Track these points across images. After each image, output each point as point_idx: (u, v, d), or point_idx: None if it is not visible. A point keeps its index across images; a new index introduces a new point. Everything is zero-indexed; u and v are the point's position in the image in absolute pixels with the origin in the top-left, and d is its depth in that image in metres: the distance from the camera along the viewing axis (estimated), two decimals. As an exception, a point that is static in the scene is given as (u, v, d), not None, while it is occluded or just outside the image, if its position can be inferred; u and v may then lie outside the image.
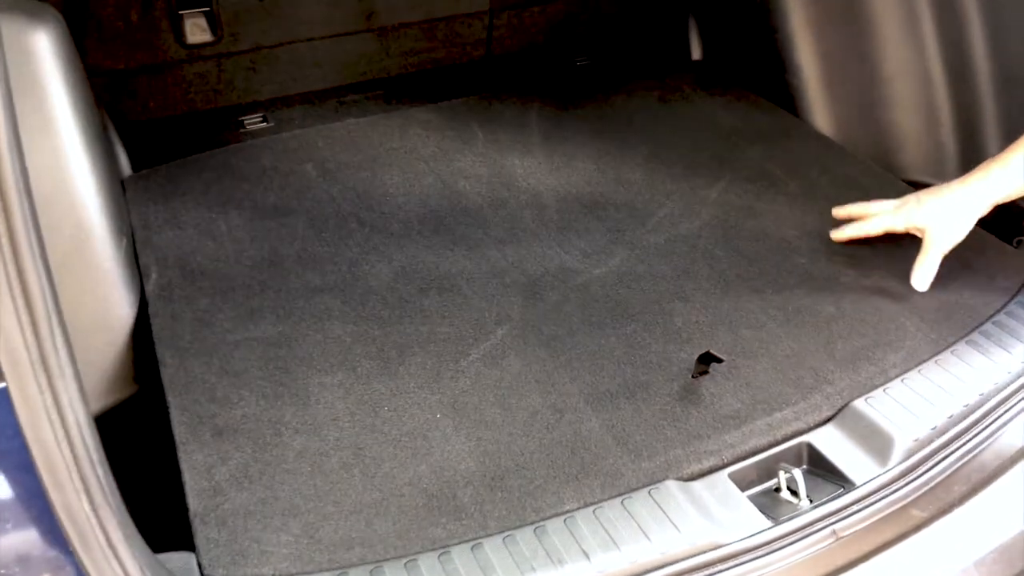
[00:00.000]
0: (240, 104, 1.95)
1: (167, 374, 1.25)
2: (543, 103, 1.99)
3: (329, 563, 0.99)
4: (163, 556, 0.98)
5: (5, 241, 0.63)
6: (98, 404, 1.35)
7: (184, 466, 1.11)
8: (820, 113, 1.94)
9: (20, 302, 0.64)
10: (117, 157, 1.72)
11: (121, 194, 1.58)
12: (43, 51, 1.33)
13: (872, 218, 1.46)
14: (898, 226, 1.43)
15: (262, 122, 1.92)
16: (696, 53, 2.23)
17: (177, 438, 1.15)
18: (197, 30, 1.81)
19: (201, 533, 1.02)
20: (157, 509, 1.10)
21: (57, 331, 0.68)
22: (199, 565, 0.99)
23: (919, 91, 1.85)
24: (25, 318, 0.65)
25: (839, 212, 1.51)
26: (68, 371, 0.69)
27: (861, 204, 1.49)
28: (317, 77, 2.00)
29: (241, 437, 1.15)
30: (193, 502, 1.06)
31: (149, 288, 1.42)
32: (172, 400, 1.21)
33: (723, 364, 1.26)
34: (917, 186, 1.73)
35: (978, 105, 1.78)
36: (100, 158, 1.41)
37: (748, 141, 1.85)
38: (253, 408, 1.20)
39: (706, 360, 1.23)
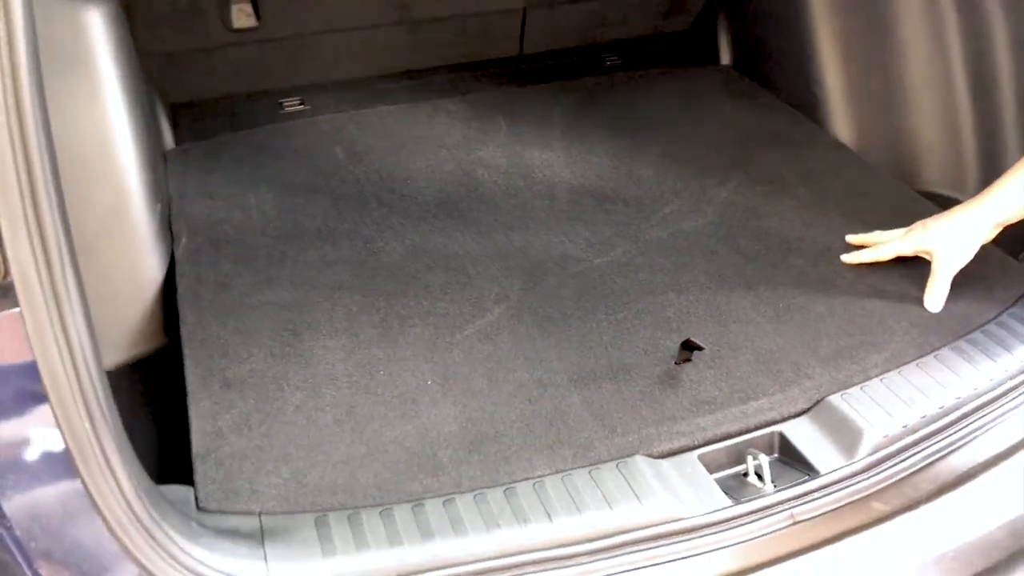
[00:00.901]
0: (280, 88, 2.06)
1: (186, 330, 1.36)
2: (568, 100, 2.05)
3: (311, 506, 1.07)
4: (165, 487, 1.07)
5: (25, 185, 0.72)
6: (130, 353, 1.47)
7: (192, 412, 1.21)
8: (841, 121, 1.96)
9: (36, 240, 0.74)
10: (161, 132, 1.84)
11: (160, 165, 1.69)
12: (95, 28, 1.45)
13: (882, 245, 1.49)
14: (907, 250, 1.46)
15: (300, 105, 2.03)
16: (725, 57, 2.27)
17: (188, 387, 1.25)
18: (242, 15, 1.92)
19: (200, 471, 1.12)
20: (175, 448, 1.20)
21: (68, 267, 0.77)
22: (196, 498, 1.08)
23: (942, 103, 1.86)
24: (40, 253, 0.74)
25: (853, 239, 1.55)
26: (76, 303, 0.78)
27: (874, 233, 1.53)
28: (353, 66, 2.10)
29: (246, 389, 1.25)
30: (197, 443, 1.16)
31: (178, 252, 1.53)
32: (187, 353, 1.31)
33: (706, 354, 1.31)
34: (935, 198, 1.75)
35: (1001, 119, 1.78)
36: (143, 131, 1.53)
37: (764, 145, 1.88)
38: (260, 364, 1.29)
39: (689, 348, 1.28)
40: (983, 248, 1.54)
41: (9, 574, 0.85)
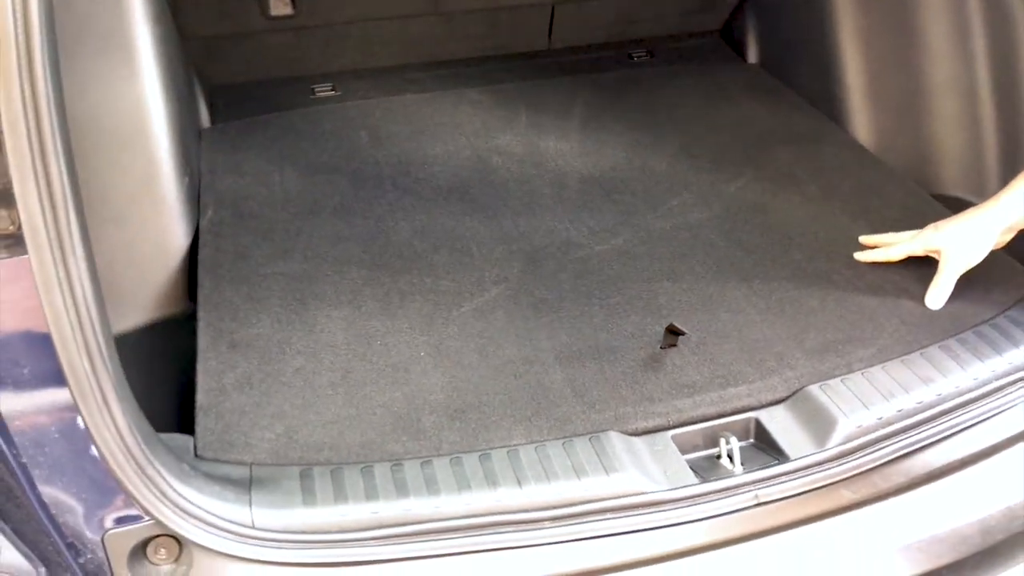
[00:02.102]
0: (314, 74, 2.15)
1: (203, 295, 1.45)
2: (591, 92, 2.10)
3: (299, 460, 1.15)
4: (168, 435, 1.16)
5: (35, 142, 0.81)
6: (155, 314, 1.57)
7: (200, 369, 1.30)
8: (861, 121, 1.96)
9: (44, 192, 0.82)
10: (198, 110, 1.95)
11: (193, 141, 1.79)
12: (135, 11, 1.55)
13: (894, 245, 1.50)
14: (917, 250, 1.47)
15: (331, 91, 2.12)
16: (753, 56, 2.28)
17: (199, 346, 1.34)
18: (279, 3, 2.02)
19: (201, 423, 1.20)
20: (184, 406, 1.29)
21: (73, 218, 0.85)
22: (195, 447, 1.17)
23: (964, 106, 1.84)
24: (48, 205, 0.83)
25: (866, 240, 1.56)
26: (80, 252, 0.87)
27: (887, 235, 1.54)
28: (385, 54, 2.18)
29: (251, 351, 1.33)
30: (201, 398, 1.25)
31: (203, 223, 1.63)
32: (201, 315, 1.40)
33: (692, 340, 1.34)
34: (954, 202, 1.74)
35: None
36: (177, 108, 1.63)
37: (780, 142, 1.90)
38: (266, 329, 1.37)
39: (673, 333, 1.32)
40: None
41: (14, 496, 0.94)
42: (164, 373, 1.52)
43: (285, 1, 2.01)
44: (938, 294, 1.42)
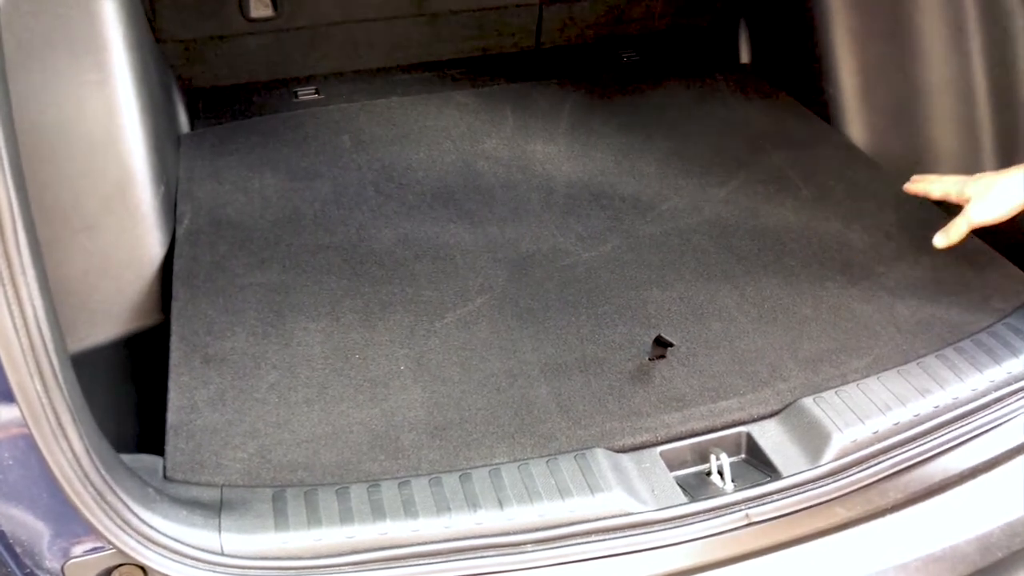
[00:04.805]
0: (297, 77, 2.10)
1: (176, 307, 1.40)
2: (580, 95, 2.05)
3: (272, 481, 1.10)
4: (135, 456, 1.12)
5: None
6: (127, 327, 1.52)
7: (171, 385, 1.25)
8: (855, 123, 1.92)
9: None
10: (176, 116, 1.90)
11: (170, 147, 1.75)
12: (107, 14, 1.50)
13: (937, 182, 1.49)
14: (951, 192, 1.46)
15: (315, 94, 2.07)
16: (744, 57, 2.24)
17: (171, 361, 1.29)
18: (260, 5, 1.97)
19: (171, 443, 1.16)
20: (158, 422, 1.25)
21: (22, 235, 0.81)
22: (164, 468, 1.12)
23: (960, 108, 1.80)
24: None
25: (916, 179, 1.55)
26: (31, 270, 0.82)
27: (933, 176, 1.54)
28: (370, 57, 2.14)
29: (225, 366, 1.28)
30: (172, 416, 1.20)
31: (180, 232, 1.58)
32: (174, 329, 1.35)
33: (681, 351, 1.30)
34: (951, 206, 1.70)
35: (1022, 126, 1.73)
36: (152, 114, 1.58)
37: (773, 145, 1.86)
38: (242, 343, 1.33)
39: (661, 344, 1.28)
40: (985, 254, 1.51)
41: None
42: (137, 388, 1.47)
43: (265, 3, 1.97)
44: (947, 233, 1.42)
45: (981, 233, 1.55)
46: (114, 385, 1.46)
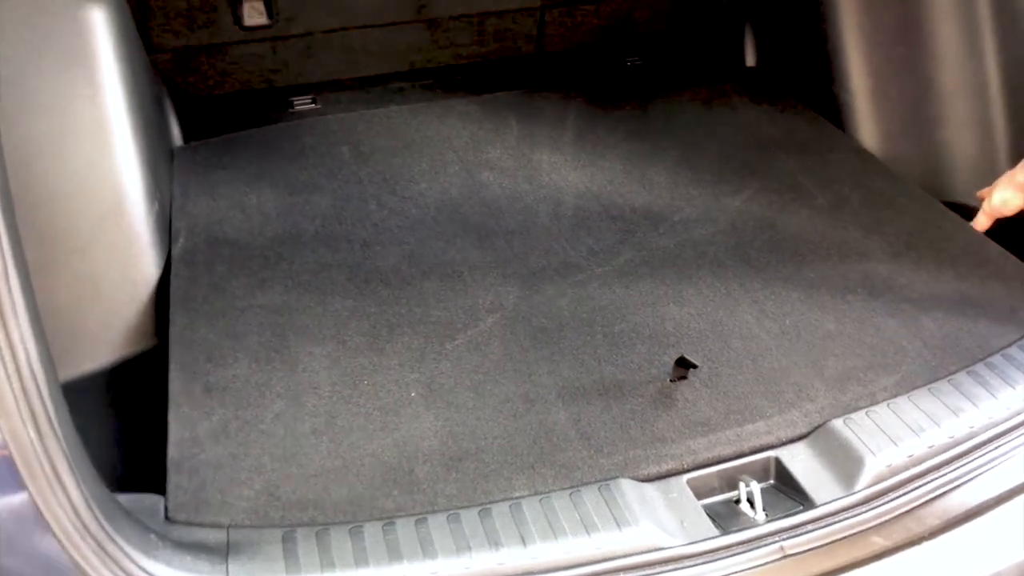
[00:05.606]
0: (293, 86, 2.04)
1: (174, 332, 1.34)
2: (585, 101, 2.00)
3: (281, 520, 1.05)
4: (134, 496, 1.06)
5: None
6: (119, 353, 1.45)
7: (171, 417, 1.19)
8: (867, 127, 1.87)
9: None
10: (168, 128, 1.83)
11: (163, 163, 1.68)
12: (97, 26, 1.44)
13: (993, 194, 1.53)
14: (1009, 191, 1.49)
15: (311, 104, 2.01)
16: (750, 60, 2.19)
17: (171, 391, 1.23)
18: (254, 13, 1.91)
19: (173, 480, 1.10)
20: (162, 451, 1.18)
21: (12, 272, 0.75)
22: (165, 508, 1.06)
23: (975, 110, 1.76)
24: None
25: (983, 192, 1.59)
26: (22, 311, 0.76)
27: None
28: (368, 64, 2.08)
29: (228, 396, 1.22)
30: (172, 451, 1.14)
31: (175, 251, 1.52)
32: (173, 356, 1.29)
33: (704, 371, 1.25)
34: (967, 210, 1.66)
35: None
36: (144, 128, 1.52)
37: (785, 152, 1.81)
38: (244, 370, 1.27)
39: (684, 365, 1.23)
40: (1012, 265, 1.46)
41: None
42: (134, 417, 1.41)
43: (260, 11, 1.91)
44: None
45: (1004, 243, 1.52)
46: (108, 415, 1.40)
